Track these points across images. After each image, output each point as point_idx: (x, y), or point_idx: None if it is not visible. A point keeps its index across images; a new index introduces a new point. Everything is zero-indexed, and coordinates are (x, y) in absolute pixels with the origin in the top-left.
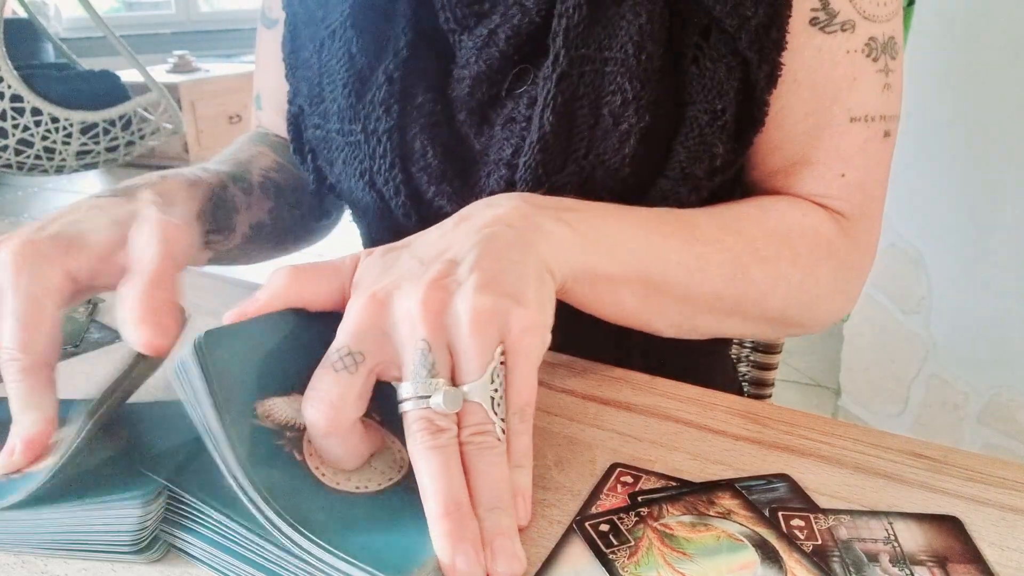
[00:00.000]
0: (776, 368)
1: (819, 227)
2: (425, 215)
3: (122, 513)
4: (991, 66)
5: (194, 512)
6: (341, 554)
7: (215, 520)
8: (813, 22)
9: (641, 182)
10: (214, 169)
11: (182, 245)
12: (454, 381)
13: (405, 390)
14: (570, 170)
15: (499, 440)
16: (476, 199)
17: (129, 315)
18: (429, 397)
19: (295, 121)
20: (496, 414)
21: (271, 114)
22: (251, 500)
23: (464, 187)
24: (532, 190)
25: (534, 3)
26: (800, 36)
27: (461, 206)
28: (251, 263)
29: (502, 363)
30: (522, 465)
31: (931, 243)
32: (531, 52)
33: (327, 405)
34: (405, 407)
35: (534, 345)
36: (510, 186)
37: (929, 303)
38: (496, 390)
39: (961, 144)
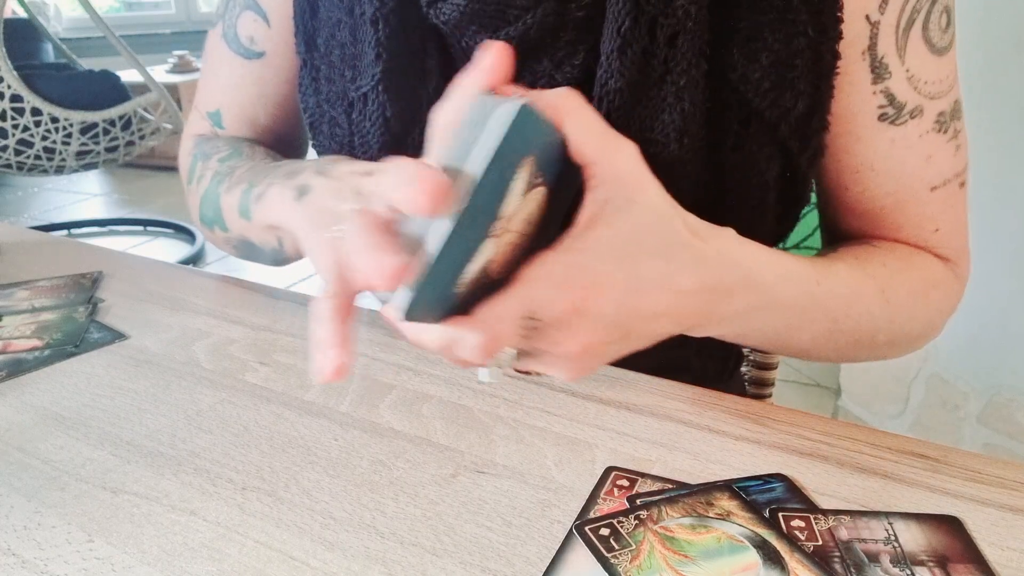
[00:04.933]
0: (776, 368)
1: (945, 277)
2: None
3: None
4: (991, 67)
5: None
6: None
7: None
8: (882, 118)
9: None
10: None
11: None
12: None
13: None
14: None
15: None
16: None
17: None
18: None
19: None
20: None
21: (239, 129)
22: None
23: None
24: None
25: (564, 79)
26: (871, 131)
27: None
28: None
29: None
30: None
31: None
32: None
33: (487, 354)
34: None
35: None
36: None
37: None
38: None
39: None
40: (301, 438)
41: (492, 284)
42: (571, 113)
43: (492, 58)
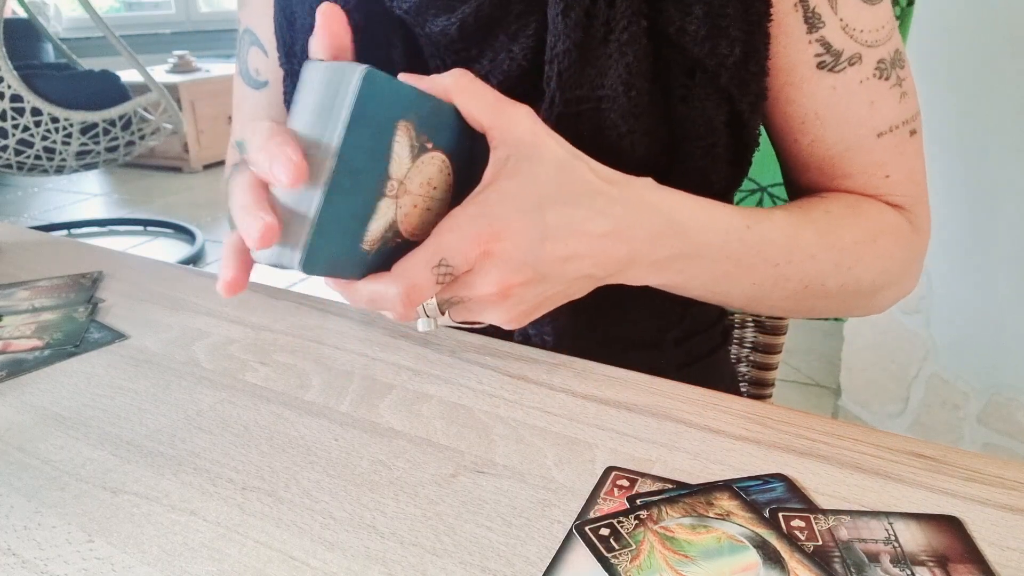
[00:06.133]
0: (776, 368)
1: (898, 224)
2: None
3: None
4: (990, 66)
5: None
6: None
7: None
8: (820, 66)
9: None
10: None
11: None
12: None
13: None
14: None
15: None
16: None
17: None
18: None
19: None
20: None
21: None
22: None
23: None
24: None
25: (520, 50)
26: (812, 81)
27: None
28: None
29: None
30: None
31: (931, 242)
32: (524, 92)
33: (408, 303)
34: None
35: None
36: None
37: (929, 303)
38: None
39: (961, 144)
40: (301, 438)
41: (413, 247)
42: (463, 89)
43: (323, 21)
